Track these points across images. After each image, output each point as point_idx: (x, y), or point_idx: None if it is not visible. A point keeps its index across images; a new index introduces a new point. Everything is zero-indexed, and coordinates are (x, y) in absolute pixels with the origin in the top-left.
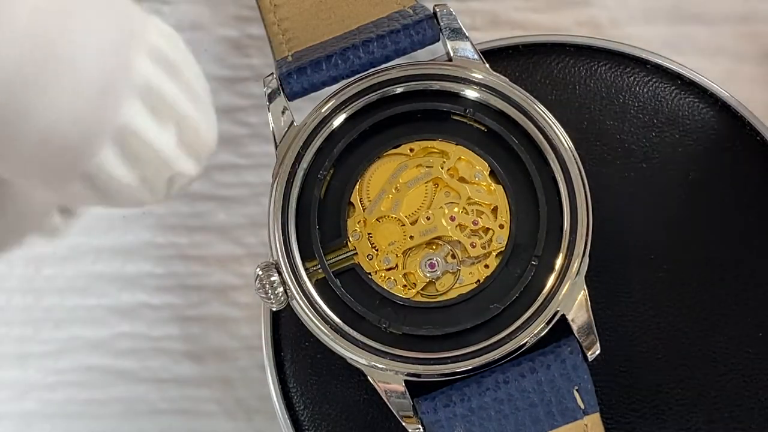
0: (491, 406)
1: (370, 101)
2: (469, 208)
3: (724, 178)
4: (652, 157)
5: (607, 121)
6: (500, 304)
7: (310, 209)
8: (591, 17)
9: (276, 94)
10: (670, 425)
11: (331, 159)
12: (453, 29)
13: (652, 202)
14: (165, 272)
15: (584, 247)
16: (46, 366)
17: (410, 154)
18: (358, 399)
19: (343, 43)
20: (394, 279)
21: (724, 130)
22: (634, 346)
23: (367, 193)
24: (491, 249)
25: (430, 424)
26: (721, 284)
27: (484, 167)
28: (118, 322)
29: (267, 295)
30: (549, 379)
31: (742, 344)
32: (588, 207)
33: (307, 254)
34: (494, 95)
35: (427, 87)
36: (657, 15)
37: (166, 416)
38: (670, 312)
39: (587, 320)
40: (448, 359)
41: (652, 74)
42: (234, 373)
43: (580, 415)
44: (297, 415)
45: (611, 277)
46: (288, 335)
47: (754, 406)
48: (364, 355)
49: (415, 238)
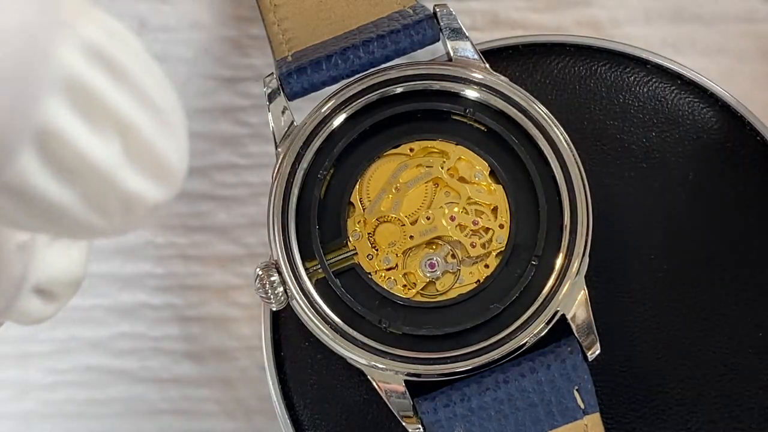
0: (491, 406)
1: (370, 101)
2: (469, 208)
3: (724, 178)
4: (652, 157)
5: (607, 121)
6: (500, 304)
7: (310, 209)
8: (591, 17)
9: (276, 94)
10: (670, 425)
11: (331, 159)
12: (453, 29)
13: (652, 202)
14: (165, 272)
15: (584, 246)
16: (46, 366)
17: (410, 154)
18: (358, 399)
19: (343, 43)
20: (394, 279)
21: (724, 130)
22: (634, 346)
23: (367, 193)
24: (491, 249)
25: (430, 424)
26: (721, 284)
27: (484, 167)
28: (118, 322)
29: (267, 295)
30: (549, 379)
31: (742, 344)
32: (588, 207)
33: (307, 254)
34: (494, 95)
35: (427, 87)
36: (657, 15)
37: (166, 416)
38: (670, 312)
39: (587, 320)
40: (448, 359)
41: (652, 74)
42: (234, 373)
43: (580, 415)
44: (297, 415)
45: (611, 277)
46: (288, 335)
47: (754, 406)
48: (364, 355)
49: (415, 238)
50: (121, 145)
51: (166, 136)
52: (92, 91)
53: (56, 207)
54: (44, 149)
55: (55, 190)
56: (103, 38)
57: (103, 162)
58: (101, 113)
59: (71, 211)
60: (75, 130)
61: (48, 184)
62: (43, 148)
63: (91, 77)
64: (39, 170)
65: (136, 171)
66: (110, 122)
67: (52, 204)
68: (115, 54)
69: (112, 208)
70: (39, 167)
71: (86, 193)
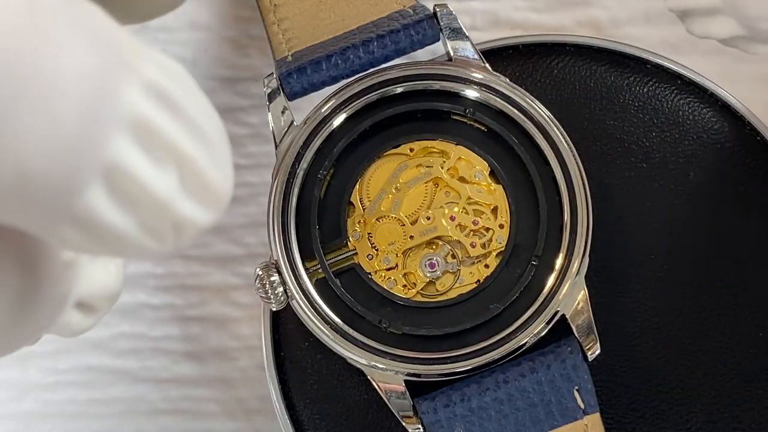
0: (491, 406)
1: (370, 101)
2: (469, 207)
3: (724, 178)
4: (652, 157)
5: (607, 121)
6: (500, 304)
7: (310, 209)
8: (591, 17)
9: (276, 94)
10: (670, 425)
11: (331, 159)
12: (453, 29)
13: (652, 202)
14: (165, 272)
15: (584, 246)
16: (46, 366)
17: (410, 154)
18: (358, 399)
19: (343, 43)
20: (394, 279)
21: (724, 130)
22: (634, 346)
23: (367, 193)
24: (491, 249)
25: (430, 424)
26: (721, 284)
27: (484, 167)
28: (118, 322)
29: (267, 295)
30: (549, 379)
31: (742, 344)
32: (588, 207)
33: (307, 254)
34: (494, 95)
35: (427, 87)
36: (657, 15)
37: (166, 416)
38: (670, 312)
39: (587, 320)
40: (448, 359)
41: (652, 74)
42: (234, 373)
43: (580, 415)
44: (297, 415)
45: (611, 277)
46: (288, 335)
47: (754, 406)
48: (364, 355)
49: (415, 238)
50: (177, 175)
51: (216, 164)
52: (154, 127)
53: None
54: (111, 183)
55: (118, 219)
56: (162, 77)
57: (162, 192)
58: (162, 147)
59: (130, 237)
60: (139, 164)
61: (113, 215)
62: (110, 182)
63: (152, 115)
64: (105, 202)
65: (190, 198)
66: (169, 155)
67: (115, 231)
68: (172, 91)
69: (166, 233)
70: (105, 200)
71: (145, 221)
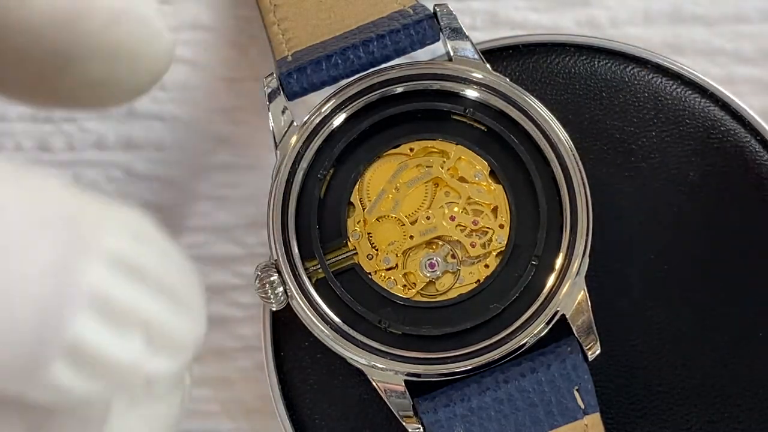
0: (491, 405)
1: (370, 101)
2: (469, 207)
3: (724, 178)
4: (652, 157)
5: (607, 121)
6: (500, 304)
7: (310, 209)
8: (591, 17)
9: (276, 94)
10: (670, 425)
11: (331, 159)
12: (453, 29)
13: (652, 201)
14: None
15: (584, 246)
16: None
17: (410, 154)
18: (358, 399)
19: (343, 43)
20: (394, 279)
21: (724, 130)
22: (634, 346)
23: (367, 193)
24: (491, 249)
25: (430, 423)
26: (721, 284)
27: (484, 167)
28: None
29: (267, 295)
30: (549, 379)
31: (742, 344)
32: (588, 207)
33: (307, 254)
34: (494, 95)
35: (427, 87)
36: (657, 15)
37: None
38: (670, 312)
39: (587, 320)
40: (448, 359)
41: (652, 74)
42: (234, 373)
43: (580, 415)
44: (297, 415)
45: (611, 277)
46: (288, 335)
47: (754, 406)
48: (364, 355)
49: (415, 237)
50: (143, 338)
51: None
52: (116, 301)
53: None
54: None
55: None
56: (124, 244)
57: (126, 359)
58: (124, 317)
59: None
60: (101, 337)
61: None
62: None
63: (114, 287)
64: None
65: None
66: (133, 322)
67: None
68: (135, 258)
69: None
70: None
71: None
